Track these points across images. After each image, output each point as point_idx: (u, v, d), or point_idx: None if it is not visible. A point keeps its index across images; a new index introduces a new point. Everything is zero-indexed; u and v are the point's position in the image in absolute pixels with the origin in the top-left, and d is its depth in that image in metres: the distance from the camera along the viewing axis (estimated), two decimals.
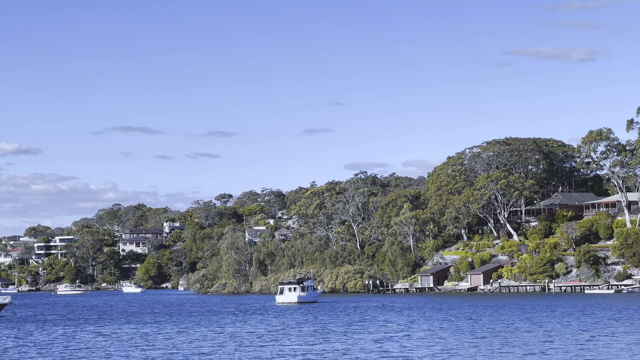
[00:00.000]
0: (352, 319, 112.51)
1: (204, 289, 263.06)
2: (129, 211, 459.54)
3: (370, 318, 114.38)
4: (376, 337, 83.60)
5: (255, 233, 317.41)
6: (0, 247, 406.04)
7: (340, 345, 76.34)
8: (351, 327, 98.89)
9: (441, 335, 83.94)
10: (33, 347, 79.57)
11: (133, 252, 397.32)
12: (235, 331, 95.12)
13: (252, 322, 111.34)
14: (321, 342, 79.57)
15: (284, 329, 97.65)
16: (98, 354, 73.31)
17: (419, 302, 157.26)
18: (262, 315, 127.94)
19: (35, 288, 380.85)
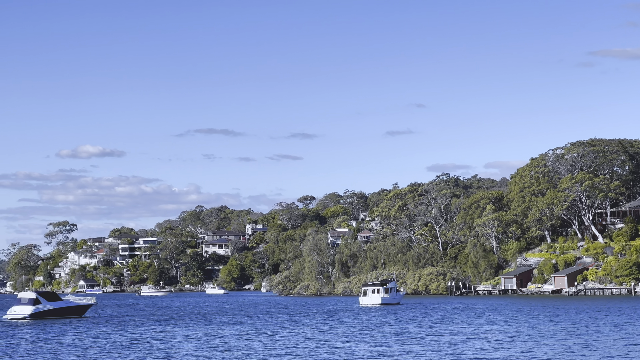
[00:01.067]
0: (433, 321, 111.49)
1: (286, 290, 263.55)
2: (212, 213, 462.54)
3: (450, 320, 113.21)
4: (454, 339, 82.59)
5: (337, 235, 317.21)
6: (85, 249, 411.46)
7: (417, 347, 75.52)
8: (431, 328, 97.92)
9: (520, 338, 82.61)
10: (114, 348, 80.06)
11: (216, 254, 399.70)
12: (314, 332, 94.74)
13: (333, 323, 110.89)
14: (399, 344, 78.81)
15: (364, 330, 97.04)
16: (175, 354, 73.41)
17: (502, 304, 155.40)
18: (343, 316, 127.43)
19: (120, 289, 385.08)
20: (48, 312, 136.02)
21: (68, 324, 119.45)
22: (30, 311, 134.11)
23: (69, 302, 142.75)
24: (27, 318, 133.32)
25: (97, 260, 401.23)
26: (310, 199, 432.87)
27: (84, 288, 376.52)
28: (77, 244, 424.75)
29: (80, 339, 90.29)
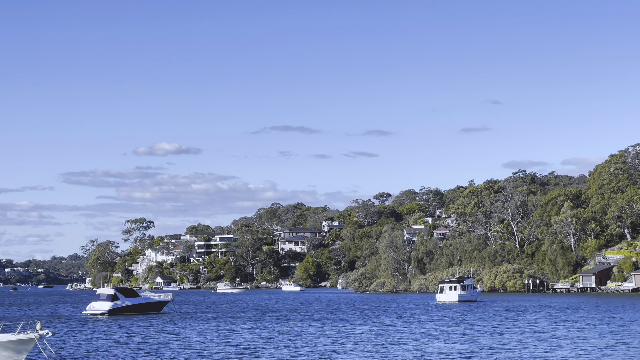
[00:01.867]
0: (507, 318, 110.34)
1: (362, 287, 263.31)
2: (288, 210, 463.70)
3: (526, 317, 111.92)
4: (527, 336, 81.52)
5: (413, 232, 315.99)
6: (162, 246, 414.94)
7: (490, 344, 74.65)
8: (504, 326, 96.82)
9: (590, 336, 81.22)
10: (188, 343, 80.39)
11: (292, 251, 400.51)
12: (388, 329, 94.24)
13: (406, 320, 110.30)
14: (471, 341, 78.00)
15: (437, 327, 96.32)
16: (243, 349, 73.48)
17: (579, 303, 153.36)
18: (417, 313, 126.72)
19: (197, 286, 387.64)
20: (126, 308, 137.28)
21: (145, 320, 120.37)
22: (109, 307, 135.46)
23: (146, 299, 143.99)
24: (106, 314, 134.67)
25: (174, 257, 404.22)
26: (386, 195, 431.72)
27: (161, 285, 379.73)
28: (154, 241, 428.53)
29: (157, 335, 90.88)
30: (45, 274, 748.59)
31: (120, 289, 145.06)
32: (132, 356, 69.21)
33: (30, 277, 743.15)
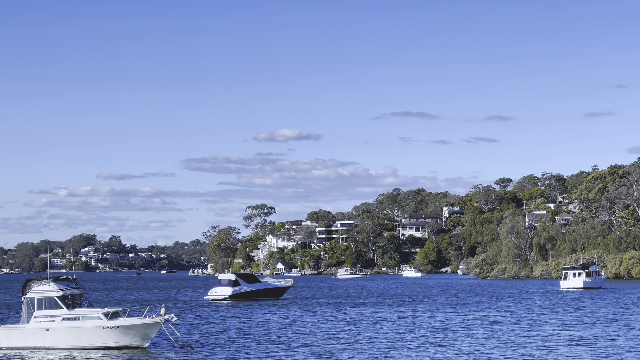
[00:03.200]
0: (628, 305, 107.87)
1: (483, 273, 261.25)
2: (409, 196, 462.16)
3: None
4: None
5: (535, 217, 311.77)
6: (283, 232, 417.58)
7: (606, 332, 72.98)
8: (621, 314, 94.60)
9: None
10: (302, 328, 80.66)
11: (412, 237, 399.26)
12: (505, 315, 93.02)
13: (525, 306, 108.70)
14: (590, 328, 76.40)
15: (556, 314, 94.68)
16: (355, 334, 73.38)
17: None
18: (539, 300, 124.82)
19: (317, 272, 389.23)
20: (247, 293, 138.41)
21: (265, 305, 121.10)
22: (230, 292, 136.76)
23: (267, 284, 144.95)
24: (227, 299, 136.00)
25: (295, 243, 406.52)
26: (507, 181, 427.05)
27: (282, 270, 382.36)
28: (275, 226, 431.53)
29: (274, 320, 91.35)
30: (167, 260, 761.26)
31: (241, 274, 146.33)
32: (251, 340, 69.74)
33: (153, 263, 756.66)
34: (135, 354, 60.42)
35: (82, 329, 62.99)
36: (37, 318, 63.84)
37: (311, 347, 64.73)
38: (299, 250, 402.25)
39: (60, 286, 64.72)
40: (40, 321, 63.70)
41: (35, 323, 63.81)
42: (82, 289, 66.53)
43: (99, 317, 62.97)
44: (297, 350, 63.21)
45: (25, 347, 63.88)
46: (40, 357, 59.60)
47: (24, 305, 65.03)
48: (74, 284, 66.25)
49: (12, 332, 64.81)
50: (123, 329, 62.59)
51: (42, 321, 63.63)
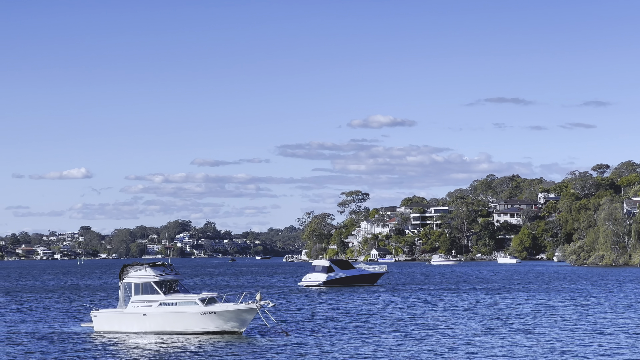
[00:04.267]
0: None
1: (580, 260, 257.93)
2: (503, 182, 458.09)
3: None
4: None
5: (633, 204, 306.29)
6: (377, 218, 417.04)
7: None
8: None
9: None
10: (392, 313, 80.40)
11: (507, 223, 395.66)
12: (599, 302, 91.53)
13: (621, 293, 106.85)
14: None
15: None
16: (442, 320, 72.91)
17: None
18: (636, 287, 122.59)
19: (412, 258, 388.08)
20: (341, 279, 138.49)
21: (358, 291, 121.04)
22: (324, 279, 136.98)
23: (361, 270, 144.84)
24: (321, 285, 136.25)
25: (389, 229, 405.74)
26: (605, 167, 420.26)
27: (376, 256, 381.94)
28: (369, 213, 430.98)
29: (366, 306, 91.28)
30: (262, 246, 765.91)
31: (336, 261, 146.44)
32: (342, 326, 69.85)
33: (248, 249, 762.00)
34: (231, 339, 60.76)
35: (178, 314, 63.54)
36: (135, 303, 64.59)
37: (399, 333, 64.72)
38: (393, 236, 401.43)
39: (156, 272, 65.35)
40: (137, 306, 64.43)
41: (133, 308, 64.58)
42: (178, 274, 67.12)
43: (195, 303, 63.42)
44: (385, 336, 63.17)
45: (122, 331, 64.71)
46: (138, 341, 60.32)
47: (121, 290, 65.85)
48: (169, 269, 66.87)
49: (110, 316, 65.71)
50: (219, 315, 62.94)
51: (140, 306, 64.36)
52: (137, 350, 55.92)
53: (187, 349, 55.89)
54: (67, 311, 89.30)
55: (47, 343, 60.39)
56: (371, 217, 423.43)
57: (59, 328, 70.75)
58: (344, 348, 56.28)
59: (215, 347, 56.60)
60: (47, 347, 58.30)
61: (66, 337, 63.61)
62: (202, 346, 57.30)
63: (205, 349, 55.83)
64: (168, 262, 68.51)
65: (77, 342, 60.66)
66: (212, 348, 56.31)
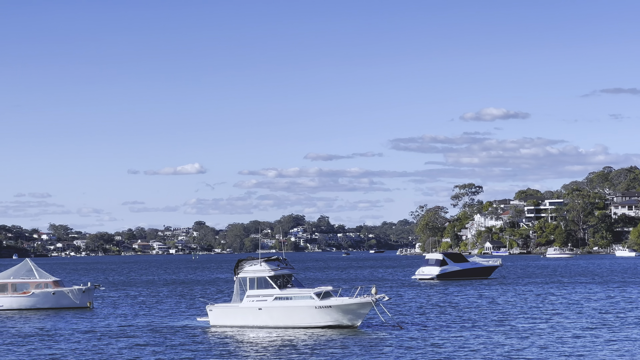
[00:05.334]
0: None
1: None
2: (620, 174, 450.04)
3: None
4: None
5: None
6: (491, 211, 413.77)
7: None
8: None
9: None
10: (502, 307, 79.91)
11: (625, 216, 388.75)
12: None
13: None
14: None
15: None
16: (554, 313, 72.20)
17: None
18: None
19: (526, 251, 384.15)
20: (454, 273, 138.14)
21: (472, 285, 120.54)
22: (437, 272, 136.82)
23: (474, 264, 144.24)
24: (434, 279, 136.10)
25: (503, 222, 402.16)
26: None
27: (490, 250, 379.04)
28: (483, 206, 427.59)
29: (478, 299, 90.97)
30: (375, 239, 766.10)
31: (449, 254, 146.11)
32: (453, 319, 69.90)
33: (361, 242, 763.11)
34: (346, 333, 61.15)
35: (294, 309, 64.14)
36: (250, 297, 65.37)
37: (509, 327, 64.52)
38: (507, 229, 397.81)
39: (271, 266, 66.06)
40: (252, 300, 65.21)
41: (248, 302, 65.37)
42: (292, 269, 67.74)
43: (310, 297, 63.93)
44: (495, 329, 63.02)
45: (237, 325, 65.52)
46: (254, 335, 61.02)
47: (236, 284, 66.68)
48: (284, 264, 67.48)
49: (225, 310, 66.64)
50: (335, 309, 63.37)
51: (255, 300, 65.11)
52: (253, 344, 56.67)
53: (302, 343, 56.43)
54: (182, 306, 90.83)
55: (163, 337, 61.40)
56: (485, 210, 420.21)
57: (175, 322, 72.03)
58: (454, 342, 56.27)
59: (330, 341, 57.06)
60: (164, 341, 59.35)
61: (182, 332, 64.75)
62: (318, 340, 57.79)
63: (320, 343, 56.32)
64: (282, 257, 69.17)
65: (193, 336, 61.67)
66: (327, 342, 56.78)
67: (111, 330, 67.13)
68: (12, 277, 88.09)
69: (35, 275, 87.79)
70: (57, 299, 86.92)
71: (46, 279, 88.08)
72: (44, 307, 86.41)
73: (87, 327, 69.55)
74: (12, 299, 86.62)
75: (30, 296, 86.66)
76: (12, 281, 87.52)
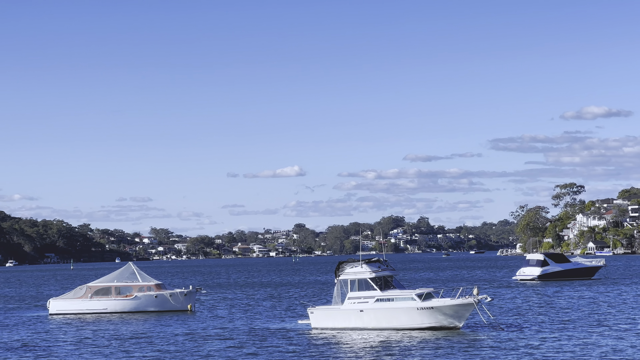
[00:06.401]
0: None
1: None
2: None
3: None
4: None
5: None
6: (594, 210, 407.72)
7: None
8: None
9: None
10: (603, 308, 78.40)
11: None
12: None
13: None
14: None
15: None
16: None
17: None
18: None
19: (631, 251, 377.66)
20: (556, 273, 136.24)
21: (573, 285, 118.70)
22: (539, 273, 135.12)
23: (576, 264, 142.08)
24: (535, 279, 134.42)
25: (606, 222, 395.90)
26: None
27: (593, 250, 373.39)
28: (585, 205, 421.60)
29: (577, 300, 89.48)
30: (475, 240, 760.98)
31: (550, 254, 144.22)
32: (554, 320, 68.89)
33: (461, 243, 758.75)
34: (449, 335, 60.56)
35: (396, 310, 63.74)
36: (351, 299, 65.14)
37: (605, 327, 63.44)
38: (610, 229, 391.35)
39: (372, 268, 65.73)
40: (354, 302, 64.97)
41: (350, 304, 65.13)
42: (393, 270, 67.34)
43: (412, 298, 63.48)
44: (591, 330, 61.91)
45: (339, 327, 65.32)
46: (356, 337, 60.74)
47: (337, 286, 66.47)
48: (385, 265, 67.10)
49: (327, 312, 66.50)
50: (437, 310, 62.82)
51: (356, 302, 64.87)
52: (355, 346, 56.40)
53: (405, 345, 56.00)
54: (283, 308, 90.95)
55: (264, 340, 61.46)
56: (587, 209, 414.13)
57: (276, 325, 72.09)
58: (551, 343, 55.44)
59: (432, 343, 56.55)
60: (264, 344, 59.40)
61: (284, 334, 64.75)
62: (419, 342, 57.33)
63: (422, 345, 55.85)
64: (383, 258, 68.83)
65: (296, 338, 61.60)
66: (428, 344, 56.29)
67: (211, 333, 67.40)
68: (115, 280, 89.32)
69: (137, 279, 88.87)
70: (159, 302, 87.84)
71: (148, 282, 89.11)
72: (146, 310, 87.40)
73: (187, 330, 70.00)
74: (115, 302, 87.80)
75: (133, 299, 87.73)
76: (115, 284, 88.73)
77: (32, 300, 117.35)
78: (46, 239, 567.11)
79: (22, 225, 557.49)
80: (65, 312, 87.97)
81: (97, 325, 76.02)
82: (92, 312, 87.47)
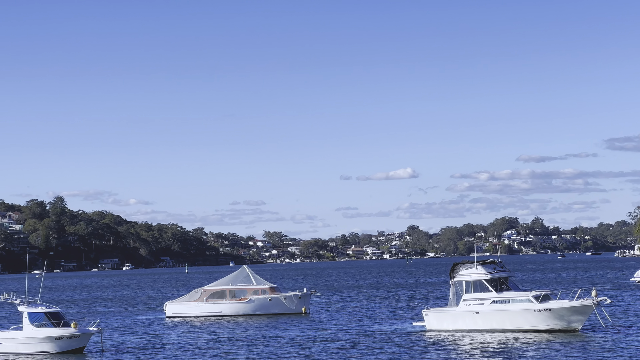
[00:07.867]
0: None
1: None
2: None
3: None
4: None
5: None
6: None
7: None
8: None
9: None
10: None
11: None
12: None
13: None
14: None
15: None
16: None
17: None
18: None
19: None
20: None
21: None
22: None
23: None
24: None
25: None
26: None
27: None
28: None
29: None
30: (592, 241, 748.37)
31: None
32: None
33: (577, 244, 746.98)
34: (566, 337, 59.36)
35: (512, 312, 62.80)
36: (466, 301, 64.40)
37: None
38: None
39: (487, 269, 64.90)
40: (469, 304, 64.23)
41: (465, 306, 64.40)
42: (508, 271, 66.38)
43: (529, 300, 62.49)
44: None
45: (454, 329, 64.59)
46: (472, 340, 59.94)
47: (452, 288, 65.85)
48: (500, 266, 66.21)
49: (441, 315, 65.89)
50: (554, 312, 61.69)
51: (472, 304, 64.11)
52: (471, 349, 55.68)
53: (522, 348, 55.08)
54: (398, 310, 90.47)
55: (378, 342, 61.15)
56: None
57: (391, 327, 71.70)
58: None
59: (551, 346, 55.51)
60: (380, 345, 59.10)
61: (399, 336, 64.30)
62: (536, 345, 56.34)
63: (539, 348, 54.86)
64: (498, 260, 67.93)
65: (411, 341, 61.11)
66: (547, 347, 55.26)
67: (325, 335, 67.26)
68: (230, 283, 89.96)
69: (252, 282, 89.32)
70: (273, 305, 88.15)
71: (263, 285, 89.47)
72: (261, 313, 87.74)
73: (301, 332, 70.00)
74: (230, 305, 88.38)
75: (248, 302, 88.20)
76: (230, 288, 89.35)
77: (150, 303, 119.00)
78: (161, 242, 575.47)
79: (137, 229, 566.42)
80: (182, 314, 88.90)
81: (212, 327, 76.61)
82: (207, 315, 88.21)
